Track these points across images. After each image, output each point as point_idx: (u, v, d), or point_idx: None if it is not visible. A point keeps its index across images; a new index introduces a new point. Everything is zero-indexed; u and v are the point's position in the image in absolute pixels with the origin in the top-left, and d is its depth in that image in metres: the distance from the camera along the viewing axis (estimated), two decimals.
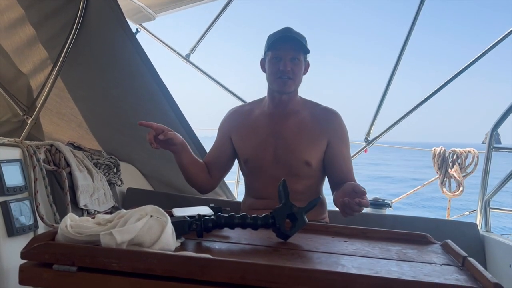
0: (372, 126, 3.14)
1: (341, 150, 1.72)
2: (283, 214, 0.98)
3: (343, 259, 0.87)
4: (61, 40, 2.13)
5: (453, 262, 0.90)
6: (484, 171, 2.19)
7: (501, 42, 3.03)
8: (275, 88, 1.69)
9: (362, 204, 1.18)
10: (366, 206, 1.19)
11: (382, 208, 2.71)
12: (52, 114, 2.32)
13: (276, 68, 1.65)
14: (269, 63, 1.68)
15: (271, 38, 1.68)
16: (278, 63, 1.64)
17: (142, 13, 2.83)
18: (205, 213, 1.00)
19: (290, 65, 1.64)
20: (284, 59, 1.63)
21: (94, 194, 1.86)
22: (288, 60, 1.63)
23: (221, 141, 1.83)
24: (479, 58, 3.07)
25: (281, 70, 1.63)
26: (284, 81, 1.65)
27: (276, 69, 1.65)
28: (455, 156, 3.51)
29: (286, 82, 1.65)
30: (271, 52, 1.66)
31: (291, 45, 1.64)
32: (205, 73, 3.20)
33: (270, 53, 1.67)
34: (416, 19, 2.98)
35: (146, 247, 0.82)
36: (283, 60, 1.63)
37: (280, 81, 1.66)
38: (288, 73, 1.64)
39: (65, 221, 0.86)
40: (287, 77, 1.64)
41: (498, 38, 3.04)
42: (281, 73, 1.64)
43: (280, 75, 1.64)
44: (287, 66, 1.63)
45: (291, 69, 1.64)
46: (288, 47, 1.63)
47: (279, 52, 1.64)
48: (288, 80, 1.65)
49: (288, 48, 1.63)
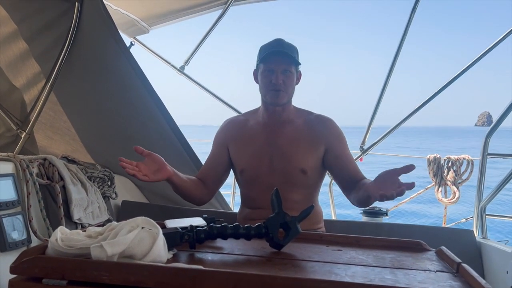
0: (367, 134, 3.14)
1: (343, 151, 1.74)
2: (276, 223, 0.98)
3: (337, 268, 0.87)
4: (54, 54, 2.13)
5: (448, 269, 0.90)
6: (479, 178, 2.19)
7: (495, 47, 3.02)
8: (268, 100, 1.71)
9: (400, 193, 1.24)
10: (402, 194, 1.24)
11: (378, 216, 2.70)
12: (46, 128, 2.31)
13: (268, 81, 1.66)
14: (262, 76, 1.69)
15: (263, 50, 1.70)
16: (270, 76, 1.66)
17: (136, 26, 2.85)
18: (198, 224, 1.00)
19: (282, 78, 1.65)
20: (276, 71, 1.65)
21: (88, 208, 1.85)
22: (280, 73, 1.65)
23: (217, 151, 1.82)
24: (475, 63, 3.05)
25: (273, 83, 1.65)
26: (277, 94, 1.67)
27: (268, 81, 1.66)
28: (450, 163, 3.52)
29: (278, 95, 1.67)
30: (263, 65, 1.68)
31: (282, 58, 1.65)
32: (200, 85, 3.20)
33: (262, 66, 1.68)
34: (410, 21, 2.97)
35: (138, 259, 0.81)
36: (275, 72, 1.65)
37: (272, 94, 1.67)
38: (280, 85, 1.65)
39: (56, 235, 0.85)
40: (279, 89, 1.66)
41: (494, 42, 3.02)
42: (273, 86, 1.66)
43: (273, 88, 1.66)
44: (278, 79, 1.65)
45: (283, 82, 1.65)
46: (280, 60, 1.65)
47: (271, 65, 1.66)
48: (280, 92, 1.66)
49: (280, 61, 1.65)
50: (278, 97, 1.67)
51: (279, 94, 1.66)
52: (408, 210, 9.48)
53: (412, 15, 2.96)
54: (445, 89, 3.07)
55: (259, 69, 1.71)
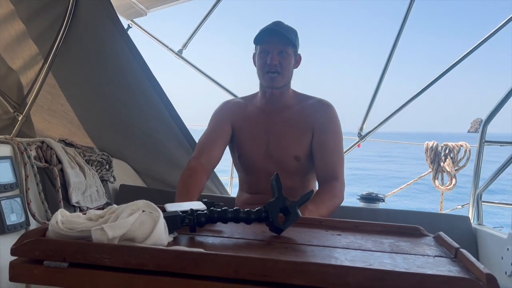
0: (365, 120, 3.15)
1: (325, 140, 1.66)
2: (276, 208, 0.98)
3: (336, 252, 0.87)
4: (51, 36, 2.11)
5: (446, 254, 0.90)
6: (476, 165, 2.20)
7: (490, 38, 3.05)
8: (264, 83, 1.68)
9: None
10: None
11: (375, 202, 2.72)
12: (43, 110, 2.30)
13: (263, 62, 1.63)
14: (258, 58, 1.66)
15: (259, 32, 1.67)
16: (265, 57, 1.62)
17: (134, 9, 2.81)
18: (198, 208, 1.00)
19: (278, 59, 1.62)
20: (271, 52, 1.61)
21: (86, 191, 1.84)
22: (276, 54, 1.61)
23: (219, 127, 1.74)
24: (470, 53, 3.08)
25: (269, 64, 1.61)
26: (272, 77, 1.63)
27: (263, 62, 1.63)
28: (447, 150, 3.53)
29: (274, 78, 1.63)
30: (259, 46, 1.65)
31: (278, 38, 1.61)
32: (198, 69, 3.19)
33: (258, 47, 1.65)
34: (408, 12, 2.98)
35: (138, 242, 0.81)
36: (270, 53, 1.61)
37: (267, 77, 1.64)
38: (276, 66, 1.61)
39: (56, 217, 0.85)
40: (275, 71, 1.62)
41: (487, 35, 3.05)
42: (269, 67, 1.62)
43: (268, 69, 1.62)
44: (273, 60, 1.61)
45: (278, 63, 1.62)
46: (275, 40, 1.61)
47: (267, 46, 1.62)
48: (276, 75, 1.63)
49: (275, 41, 1.61)
50: (274, 80, 1.64)
51: (275, 77, 1.63)
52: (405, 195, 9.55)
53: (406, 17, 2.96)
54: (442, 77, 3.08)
55: (256, 52, 1.69)
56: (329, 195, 1.59)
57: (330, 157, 1.67)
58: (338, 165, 1.67)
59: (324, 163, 1.67)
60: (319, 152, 1.67)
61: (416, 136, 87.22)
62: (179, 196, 1.46)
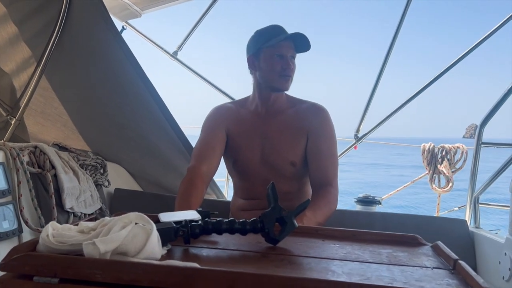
0: (361, 122, 3.14)
1: (319, 145, 1.66)
2: (272, 218, 0.96)
3: (333, 264, 0.86)
4: (44, 38, 2.08)
5: (444, 265, 0.89)
6: (473, 167, 2.19)
7: (484, 41, 3.06)
8: (276, 85, 1.66)
9: None
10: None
11: (372, 205, 2.72)
12: (36, 114, 2.28)
13: (279, 66, 1.62)
14: (270, 60, 1.63)
15: (267, 35, 1.64)
16: (281, 61, 1.62)
17: (128, 10, 2.79)
18: (192, 218, 0.98)
19: (292, 64, 1.64)
20: (286, 57, 1.62)
21: (80, 196, 1.82)
22: (290, 59, 1.63)
23: (214, 134, 1.71)
24: (466, 55, 3.08)
25: (285, 68, 1.62)
26: (286, 79, 1.64)
27: (279, 67, 1.62)
28: (444, 152, 3.52)
29: (287, 80, 1.65)
30: (272, 49, 1.62)
31: (292, 43, 1.63)
32: (193, 71, 3.17)
33: (270, 50, 1.63)
34: (404, 16, 2.98)
35: (131, 256, 0.80)
36: (285, 58, 1.62)
37: (283, 79, 1.64)
38: (291, 71, 1.64)
39: (47, 230, 0.83)
40: (289, 75, 1.64)
41: (482, 37, 3.06)
42: (285, 71, 1.62)
43: (284, 73, 1.63)
44: (290, 65, 1.63)
45: (292, 68, 1.64)
46: (290, 45, 1.63)
47: (283, 49, 1.62)
48: (289, 78, 1.65)
49: (290, 46, 1.63)
50: (287, 83, 1.66)
51: (288, 80, 1.65)
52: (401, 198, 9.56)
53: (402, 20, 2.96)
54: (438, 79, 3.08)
55: (261, 54, 1.65)
56: (325, 201, 1.58)
57: (324, 162, 1.66)
58: (332, 170, 1.66)
59: (318, 168, 1.66)
60: (313, 157, 1.67)
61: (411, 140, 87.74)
62: (179, 208, 1.43)
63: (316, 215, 1.49)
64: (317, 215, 1.49)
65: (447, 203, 4.54)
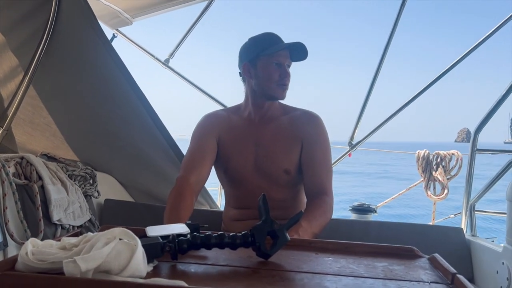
0: (355, 129, 3.12)
1: (312, 153, 1.64)
2: (264, 231, 0.92)
3: (327, 280, 0.82)
4: (32, 47, 2.05)
5: (442, 280, 0.86)
6: (468, 174, 2.17)
7: (479, 45, 3.06)
8: (273, 94, 1.64)
9: None
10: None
11: (367, 213, 2.68)
12: (24, 123, 2.23)
13: (276, 75, 1.61)
14: (267, 68, 1.61)
15: (264, 43, 1.62)
16: (278, 70, 1.61)
17: (119, 18, 2.76)
18: (180, 232, 0.94)
19: (289, 73, 1.63)
20: (283, 65, 1.61)
21: (68, 208, 1.78)
22: (286, 67, 1.62)
23: (204, 142, 1.67)
24: (461, 60, 3.08)
25: (283, 77, 1.61)
26: (283, 88, 1.63)
27: (276, 75, 1.61)
28: (439, 159, 3.51)
29: (284, 89, 1.64)
30: (270, 57, 1.60)
31: (289, 52, 1.61)
32: (185, 78, 3.14)
33: (267, 58, 1.60)
34: (397, 22, 2.97)
35: (115, 274, 0.76)
36: (283, 67, 1.61)
37: (280, 88, 1.63)
38: (288, 80, 1.63)
39: (26, 248, 0.79)
40: (285, 84, 1.63)
41: (477, 42, 3.06)
42: (282, 80, 1.61)
43: (281, 82, 1.62)
44: (288, 74, 1.62)
45: (289, 77, 1.63)
46: (287, 54, 1.61)
47: (280, 58, 1.61)
48: (286, 87, 1.63)
49: (287, 55, 1.62)
50: (284, 92, 1.65)
51: (285, 88, 1.64)
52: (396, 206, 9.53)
53: (396, 23, 2.95)
54: (434, 84, 3.07)
55: (257, 61, 1.62)
56: (320, 211, 1.54)
57: (319, 170, 1.63)
58: (327, 179, 1.64)
59: (313, 177, 1.63)
60: (308, 165, 1.64)
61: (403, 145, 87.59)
62: (168, 221, 1.38)
63: (312, 225, 1.45)
64: (312, 226, 1.45)
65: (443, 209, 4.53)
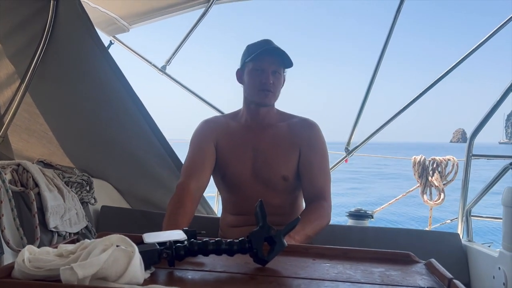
0: (352, 135, 3.12)
1: (310, 159, 1.64)
2: (261, 237, 0.93)
3: (324, 286, 0.82)
4: (29, 54, 2.05)
5: (438, 285, 0.86)
6: (464, 180, 2.18)
7: (480, 47, 3.06)
8: (256, 100, 1.65)
9: None
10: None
11: (364, 219, 2.69)
12: (21, 130, 2.22)
13: (258, 80, 1.60)
14: (250, 75, 1.63)
15: (253, 49, 1.63)
16: (260, 75, 1.60)
17: (116, 25, 2.77)
18: (177, 238, 0.94)
19: (272, 78, 1.60)
20: (266, 71, 1.59)
21: (65, 215, 1.77)
22: (270, 73, 1.60)
23: (203, 148, 1.67)
24: (460, 63, 3.07)
25: (263, 82, 1.59)
26: (266, 94, 1.61)
27: (258, 81, 1.61)
28: (435, 164, 3.52)
29: (267, 95, 1.62)
30: (253, 64, 1.61)
31: (275, 58, 1.61)
32: (182, 85, 3.14)
33: (251, 64, 1.62)
34: (394, 22, 2.97)
35: (112, 281, 0.76)
36: (265, 72, 1.59)
37: (261, 94, 1.62)
38: (270, 86, 1.60)
39: (23, 255, 0.79)
40: (269, 90, 1.61)
41: (476, 44, 3.06)
42: (263, 86, 1.60)
43: (262, 88, 1.60)
44: (269, 79, 1.59)
45: (272, 82, 1.60)
46: (272, 60, 1.60)
47: (262, 64, 1.60)
48: (269, 93, 1.61)
49: (271, 61, 1.60)
50: (267, 98, 1.63)
51: (268, 94, 1.62)
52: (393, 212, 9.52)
53: (393, 25, 2.96)
54: (430, 89, 3.08)
55: (245, 68, 1.65)
56: (316, 215, 1.55)
57: (317, 176, 1.64)
58: (325, 184, 1.65)
59: (311, 182, 1.64)
60: (306, 171, 1.65)
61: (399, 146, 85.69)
62: (167, 229, 1.38)
63: (305, 227, 1.45)
64: (306, 228, 1.45)
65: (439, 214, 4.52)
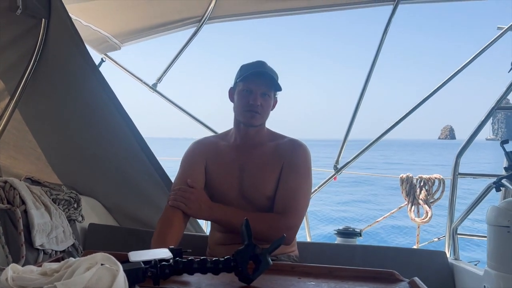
0: (340, 153, 3.14)
1: (287, 179, 1.62)
2: (246, 256, 0.93)
3: None
4: (19, 71, 2.06)
5: None
6: (451, 198, 2.20)
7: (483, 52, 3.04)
8: (242, 120, 1.66)
9: None
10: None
11: (352, 237, 2.69)
12: (9, 147, 2.22)
13: (245, 101, 1.62)
14: (239, 95, 1.64)
15: (244, 70, 1.65)
16: (248, 96, 1.61)
17: (108, 43, 2.79)
18: (163, 257, 0.94)
19: (260, 100, 1.61)
20: (255, 93, 1.61)
21: (52, 233, 1.76)
22: (259, 95, 1.61)
23: (194, 169, 1.68)
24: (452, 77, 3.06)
25: (251, 104, 1.60)
26: (252, 115, 1.62)
27: (245, 102, 1.62)
28: (422, 182, 3.56)
29: (254, 116, 1.62)
30: (243, 84, 1.63)
31: (264, 80, 1.61)
32: (173, 103, 3.15)
33: (241, 85, 1.64)
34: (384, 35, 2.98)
35: None
36: (253, 94, 1.61)
37: (248, 114, 1.62)
38: (257, 107, 1.61)
39: (6, 273, 0.79)
40: (256, 111, 1.61)
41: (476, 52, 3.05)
42: (250, 107, 1.61)
43: (249, 109, 1.61)
44: (257, 101, 1.60)
45: (260, 104, 1.61)
46: (261, 82, 1.61)
47: (251, 86, 1.61)
48: (256, 114, 1.62)
49: (261, 83, 1.61)
50: (253, 118, 1.63)
51: (255, 115, 1.62)
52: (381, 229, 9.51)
53: (388, 27, 2.97)
54: (421, 105, 3.10)
55: (236, 87, 1.67)
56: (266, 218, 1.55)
57: (287, 193, 1.61)
58: (292, 203, 1.59)
59: (279, 199, 1.61)
60: (279, 188, 1.63)
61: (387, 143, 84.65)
62: (155, 247, 1.37)
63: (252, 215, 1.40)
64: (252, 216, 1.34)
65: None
